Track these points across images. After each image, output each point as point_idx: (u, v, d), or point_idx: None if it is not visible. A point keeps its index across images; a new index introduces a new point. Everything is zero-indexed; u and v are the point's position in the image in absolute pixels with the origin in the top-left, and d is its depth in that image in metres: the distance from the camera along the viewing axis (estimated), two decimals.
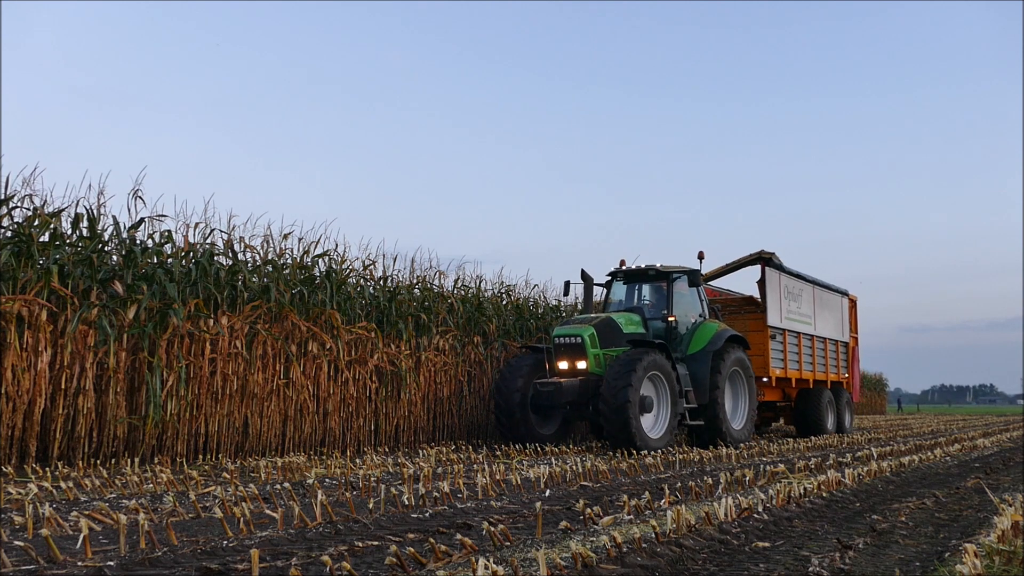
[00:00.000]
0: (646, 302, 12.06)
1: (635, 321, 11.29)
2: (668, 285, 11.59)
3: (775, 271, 13.51)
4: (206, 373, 8.53)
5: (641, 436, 9.68)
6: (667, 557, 3.35)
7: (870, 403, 46.44)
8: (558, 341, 10.83)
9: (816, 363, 14.88)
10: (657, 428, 10.29)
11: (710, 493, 5.64)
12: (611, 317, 11.04)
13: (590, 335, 10.65)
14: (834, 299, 16.11)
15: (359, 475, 6.44)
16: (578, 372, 10.63)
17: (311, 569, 3.15)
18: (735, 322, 13.45)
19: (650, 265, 11.81)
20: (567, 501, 5.23)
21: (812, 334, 14.78)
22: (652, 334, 11.37)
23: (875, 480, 6.56)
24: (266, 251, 9.95)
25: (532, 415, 11.00)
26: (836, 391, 15.71)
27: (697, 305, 12.09)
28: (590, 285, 12.31)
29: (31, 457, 7.07)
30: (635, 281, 12.21)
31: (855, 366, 17.16)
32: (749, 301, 14.12)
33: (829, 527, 4.36)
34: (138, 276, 8.24)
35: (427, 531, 4.01)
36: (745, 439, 11.69)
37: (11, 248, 7.27)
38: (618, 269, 12.29)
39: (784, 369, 13.64)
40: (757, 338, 13.10)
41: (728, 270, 14.91)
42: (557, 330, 11.02)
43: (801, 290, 14.54)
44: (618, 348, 10.73)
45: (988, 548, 3.28)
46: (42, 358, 7.15)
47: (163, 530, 3.76)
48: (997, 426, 20.97)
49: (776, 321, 13.39)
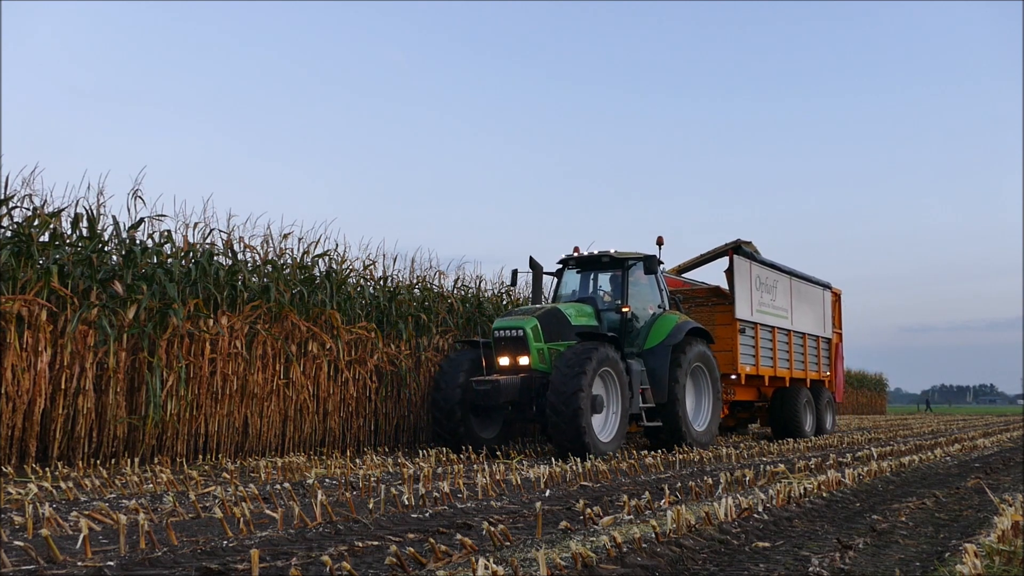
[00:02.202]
0: (601, 292, 11.01)
1: (587, 312, 10.29)
2: (624, 273, 10.60)
3: (744, 260, 12.42)
4: (206, 373, 8.53)
5: (593, 441, 8.76)
6: (667, 557, 3.35)
7: (870, 403, 46.48)
8: (498, 334, 9.75)
9: (793, 360, 13.84)
10: (608, 430, 9.31)
11: (710, 493, 5.64)
12: (557, 308, 10.02)
13: (533, 327, 9.56)
14: (814, 292, 15.03)
15: (359, 475, 6.44)
16: (520, 368, 9.57)
17: (311, 569, 3.15)
18: (702, 315, 12.59)
19: (604, 251, 10.77)
20: (567, 501, 5.23)
21: (789, 329, 13.74)
22: (607, 327, 10.39)
23: (875, 480, 6.56)
24: (266, 251, 9.96)
25: (472, 417, 9.87)
26: (816, 390, 14.64)
27: (656, 295, 11.10)
28: (539, 274, 11.26)
29: (31, 457, 7.07)
30: (589, 269, 11.17)
31: (839, 364, 16.09)
32: (717, 292, 13.00)
33: (829, 527, 4.36)
34: (138, 276, 8.24)
35: (427, 531, 4.01)
36: (709, 441, 10.86)
37: (11, 248, 7.27)
38: (570, 256, 11.18)
39: (756, 366, 12.61)
40: (725, 332, 12.21)
41: (702, 261, 14.12)
42: (497, 322, 9.93)
43: (776, 281, 13.46)
44: (565, 342, 9.69)
45: (988, 548, 3.28)
46: (42, 358, 7.15)
47: (163, 530, 3.76)
48: (997, 426, 20.97)
49: (746, 314, 12.31)
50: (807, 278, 14.68)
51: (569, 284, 11.27)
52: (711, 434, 10.97)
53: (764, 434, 15.40)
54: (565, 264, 11.31)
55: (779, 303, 13.48)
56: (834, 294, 16.03)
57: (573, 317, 10.01)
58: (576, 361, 8.79)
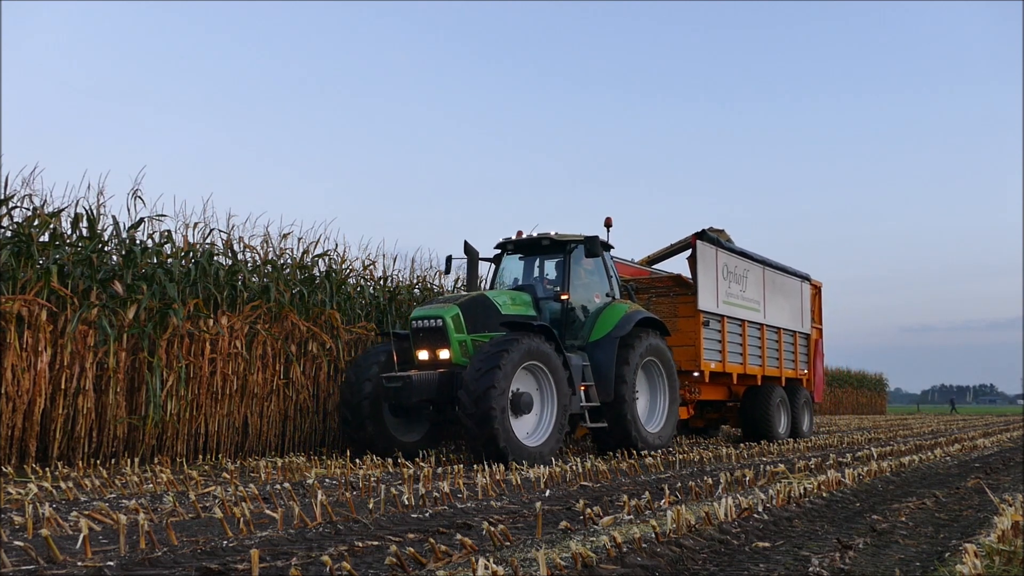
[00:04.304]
0: (544, 280, 9.87)
1: (523, 301, 9.17)
2: (565, 257, 9.47)
3: (709, 246, 11.28)
4: (206, 373, 8.53)
5: (512, 444, 7.71)
6: (667, 557, 3.35)
7: (870, 403, 46.47)
8: (415, 325, 8.67)
9: (766, 356, 12.70)
10: (539, 433, 8.28)
11: (710, 493, 5.64)
12: (485, 295, 8.93)
13: (454, 317, 8.50)
14: (791, 284, 13.82)
15: (359, 475, 6.44)
16: (441, 363, 8.50)
17: (311, 569, 3.15)
18: (663, 306, 11.57)
19: (543, 233, 9.59)
20: (567, 501, 5.23)
21: (761, 322, 12.58)
22: (548, 318, 9.30)
23: (875, 480, 6.56)
24: (266, 251, 9.97)
25: (391, 418, 8.92)
26: (792, 389, 13.44)
27: (604, 283, 9.91)
28: (475, 260, 10.13)
29: (31, 457, 7.07)
30: (529, 254, 10.02)
31: (818, 361, 14.83)
32: (679, 282, 11.80)
33: (829, 527, 4.36)
34: (138, 276, 8.24)
35: (427, 531, 4.01)
36: (662, 444, 9.76)
37: (11, 248, 7.28)
38: (508, 239, 10.01)
39: (723, 362, 11.51)
40: (688, 325, 11.13)
41: (672, 251, 13.13)
42: (415, 312, 8.86)
43: (747, 271, 12.32)
44: (493, 334, 8.55)
45: (988, 548, 3.28)
46: (42, 358, 7.15)
47: (163, 530, 3.76)
48: (997, 426, 20.97)
49: (710, 305, 11.20)
50: (783, 268, 13.57)
51: (510, 271, 10.19)
52: (667, 436, 9.96)
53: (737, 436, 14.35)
54: (504, 249, 10.17)
55: (750, 294, 12.38)
56: (813, 286, 14.86)
57: (504, 306, 8.92)
58: (492, 354, 7.76)
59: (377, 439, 8.69)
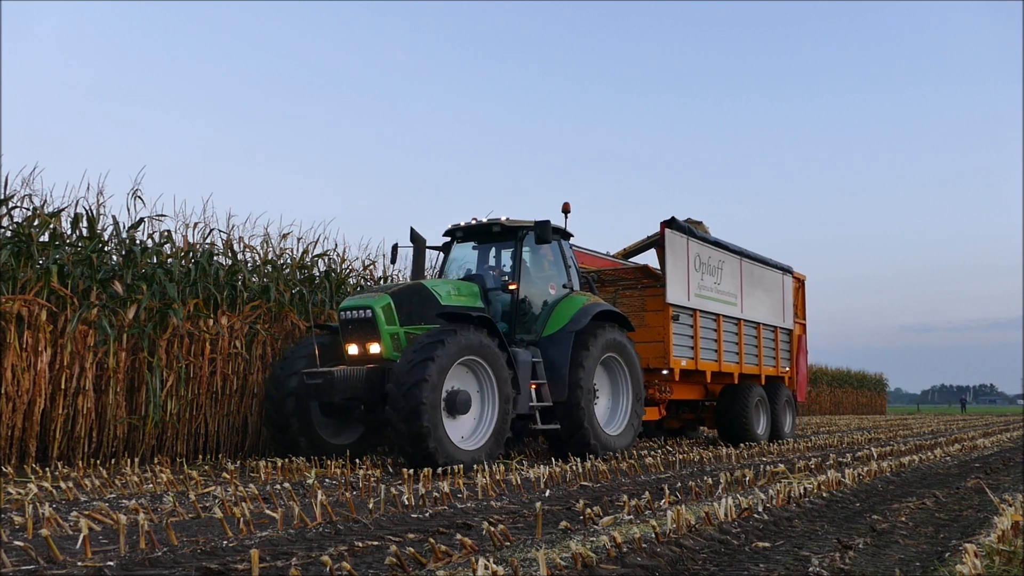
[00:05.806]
0: (501, 269, 9.20)
1: (469, 292, 8.44)
2: (517, 245, 8.78)
3: (679, 235, 10.58)
4: (206, 373, 8.53)
5: (444, 446, 6.99)
6: (667, 557, 3.35)
7: (870, 403, 46.49)
8: (343, 316, 7.94)
9: (744, 353, 11.94)
10: (478, 435, 7.57)
11: (710, 493, 5.64)
12: (422, 284, 8.17)
13: (385, 307, 7.75)
14: (772, 276, 12.99)
15: (359, 475, 6.44)
16: (371, 358, 7.77)
17: (311, 569, 3.15)
18: (631, 300, 10.91)
19: (494, 219, 8.87)
20: (567, 501, 5.23)
21: (738, 317, 11.83)
22: (499, 310, 8.62)
23: (875, 480, 6.56)
24: (266, 251, 9.98)
25: (322, 418, 8.25)
26: (772, 388, 12.60)
27: (562, 273, 9.15)
28: (421, 248, 9.23)
29: (31, 457, 7.08)
30: (480, 241, 9.33)
31: (801, 359, 14.05)
32: (647, 273, 11.01)
33: (829, 527, 4.36)
34: (138, 276, 8.25)
35: (427, 531, 4.01)
36: (623, 447, 8.99)
37: (11, 248, 7.28)
38: (456, 226, 9.26)
39: (694, 359, 10.77)
40: (657, 319, 10.46)
41: (648, 245, 12.24)
42: (344, 302, 8.12)
43: (722, 262, 11.59)
44: (430, 326, 7.82)
45: (988, 548, 3.28)
46: (42, 358, 7.16)
47: (163, 530, 3.76)
48: (997, 426, 20.97)
49: (680, 298, 10.47)
50: (763, 260, 12.78)
51: (461, 261, 9.43)
52: (629, 438, 9.21)
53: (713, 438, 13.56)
54: (452, 236, 9.43)
55: (726, 287, 11.63)
56: (796, 279, 14.03)
57: (445, 296, 8.15)
58: (426, 345, 7.08)
59: (302, 440, 8.05)
